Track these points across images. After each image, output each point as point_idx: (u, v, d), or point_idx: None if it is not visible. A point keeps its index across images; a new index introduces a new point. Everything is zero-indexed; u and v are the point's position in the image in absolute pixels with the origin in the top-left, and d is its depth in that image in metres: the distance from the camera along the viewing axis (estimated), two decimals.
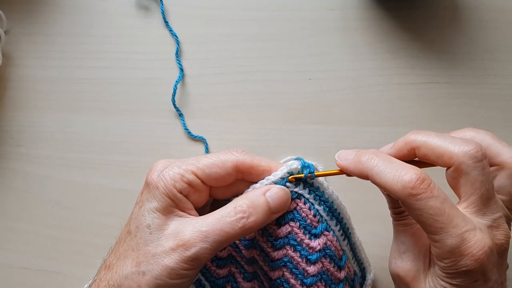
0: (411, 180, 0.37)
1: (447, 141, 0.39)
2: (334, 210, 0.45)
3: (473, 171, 0.38)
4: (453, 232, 0.36)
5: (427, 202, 0.36)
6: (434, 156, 0.40)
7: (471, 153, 0.38)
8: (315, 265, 0.43)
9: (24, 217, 0.57)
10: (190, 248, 0.38)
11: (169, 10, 0.62)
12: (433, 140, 0.40)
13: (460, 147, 0.39)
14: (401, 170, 0.38)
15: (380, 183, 0.39)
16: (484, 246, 0.36)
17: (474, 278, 0.37)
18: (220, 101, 0.60)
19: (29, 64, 0.61)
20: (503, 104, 0.58)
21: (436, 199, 0.37)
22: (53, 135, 0.59)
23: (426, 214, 0.36)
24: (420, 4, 0.61)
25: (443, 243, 0.36)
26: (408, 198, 0.37)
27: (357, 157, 0.41)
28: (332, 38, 0.60)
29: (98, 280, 0.41)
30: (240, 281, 0.46)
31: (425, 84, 0.59)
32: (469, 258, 0.36)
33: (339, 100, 0.59)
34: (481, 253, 0.36)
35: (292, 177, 0.43)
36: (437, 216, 0.36)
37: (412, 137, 0.42)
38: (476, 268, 0.36)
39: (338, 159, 0.43)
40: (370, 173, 0.39)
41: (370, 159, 0.40)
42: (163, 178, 0.41)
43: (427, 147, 0.40)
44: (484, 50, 0.60)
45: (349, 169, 0.41)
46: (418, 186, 0.37)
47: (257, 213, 0.40)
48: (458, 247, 0.36)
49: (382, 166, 0.39)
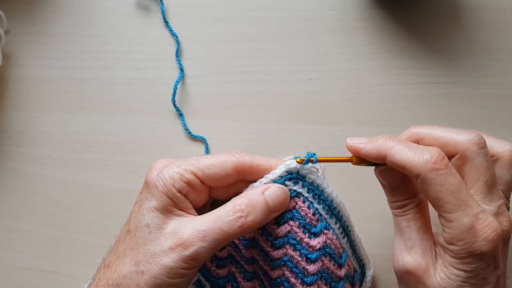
0: (433, 156, 0.38)
1: (450, 131, 0.42)
2: (333, 208, 0.45)
3: (477, 157, 0.40)
4: (469, 211, 0.37)
5: (447, 177, 0.37)
6: (439, 145, 0.41)
7: (475, 140, 0.40)
8: (315, 263, 0.43)
9: (24, 217, 0.57)
10: (189, 247, 0.38)
11: (169, 10, 0.62)
12: (436, 131, 0.42)
13: (464, 136, 0.41)
14: (421, 149, 0.39)
15: (400, 160, 0.39)
16: (496, 228, 0.37)
17: (487, 262, 0.37)
18: (220, 101, 0.60)
19: (29, 64, 0.61)
20: (503, 104, 0.58)
21: (455, 177, 0.38)
22: (53, 135, 0.59)
23: (446, 190, 0.37)
24: (420, 4, 0.61)
25: (459, 222, 0.37)
26: (430, 173, 0.37)
27: (372, 139, 0.42)
28: (332, 38, 0.60)
29: (97, 279, 0.41)
30: (240, 280, 0.46)
31: (425, 84, 0.59)
32: (484, 239, 0.37)
33: (339, 100, 0.59)
34: (495, 234, 0.37)
35: (299, 159, 0.43)
36: (456, 193, 0.37)
37: (415, 130, 0.44)
38: (490, 250, 0.37)
39: (351, 141, 0.43)
40: (390, 152, 0.40)
41: (387, 141, 0.41)
42: (162, 177, 0.41)
43: (432, 138, 0.42)
44: (484, 50, 0.60)
45: (365, 149, 0.41)
46: (439, 161, 0.38)
47: (255, 212, 0.40)
48: (474, 227, 0.37)
49: (401, 146, 0.40)
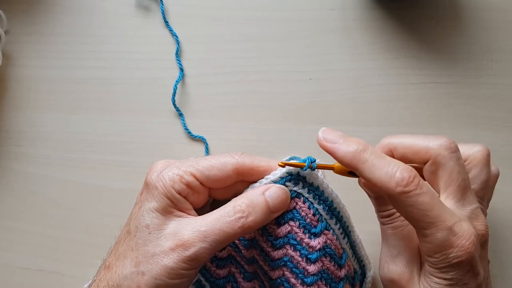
0: (403, 178, 0.37)
1: (420, 138, 0.42)
2: (333, 209, 0.45)
3: (449, 162, 0.40)
4: (443, 225, 0.37)
5: (418, 198, 0.37)
6: (411, 153, 0.42)
7: (446, 144, 0.41)
8: (315, 264, 0.43)
9: (24, 217, 0.57)
10: (189, 248, 0.38)
11: (169, 10, 0.62)
12: (408, 139, 0.43)
13: (435, 141, 0.41)
14: (392, 167, 0.38)
15: (370, 178, 0.39)
16: (471, 236, 0.37)
17: (465, 269, 0.37)
18: (220, 101, 0.60)
19: (29, 64, 0.61)
20: (503, 104, 0.58)
21: (426, 195, 0.37)
22: (53, 135, 0.59)
23: (417, 210, 0.37)
24: (420, 4, 0.61)
25: (434, 237, 0.37)
26: (400, 196, 0.37)
27: (346, 144, 0.40)
28: (332, 38, 0.60)
29: (97, 280, 0.41)
30: (240, 281, 0.46)
31: (425, 84, 0.59)
32: (459, 249, 0.37)
33: (339, 100, 0.59)
34: (469, 243, 0.37)
35: (283, 163, 0.42)
36: (428, 211, 0.37)
37: (388, 140, 0.44)
38: (467, 258, 0.37)
39: (324, 139, 0.41)
40: (361, 166, 0.39)
41: (361, 152, 0.39)
42: (162, 178, 0.41)
43: (404, 146, 0.42)
44: (484, 50, 0.60)
45: (337, 155, 0.40)
46: (410, 183, 0.37)
47: (256, 212, 0.40)
48: (448, 240, 0.37)
49: (374, 161, 0.39)
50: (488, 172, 0.46)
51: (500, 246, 0.55)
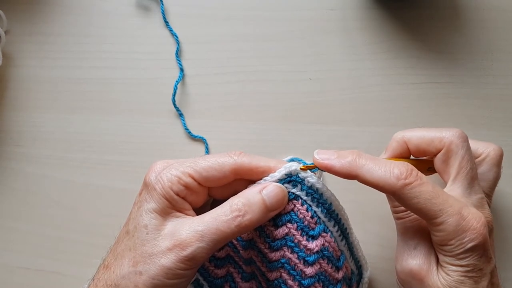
0: (402, 172, 0.40)
1: (432, 129, 0.45)
2: (332, 211, 0.45)
3: (461, 150, 0.43)
4: (451, 210, 0.39)
5: (421, 188, 0.39)
6: (426, 143, 0.45)
7: (458, 134, 0.44)
8: (312, 266, 0.43)
9: (24, 217, 0.58)
10: (186, 247, 0.38)
11: (169, 10, 0.62)
12: (420, 131, 0.46)
13: (448, 131, 0.44)
14: (389, 165, 0.40)
15: (372, 180, 0.40)
16: (480, 218, 0.39)
17: (479, 253, 0.39)
18: (220, 101, 0.60)
19: (29, 64, 0.61)
20: (503, 104, 0.58)
21: (428, 184, 0.39)
22: (53, 135, 0.59)
23: (423, 200, 0.39)
24: (420, 4, 0.61)
25: (446, 224, 0.39)
26: (403, 189, 0.39)
27: (341, 155, 0.42)
28: (332, 38, 0.60)
29: (96, 279, 0.41)
30: (238, 281, 0.46)
31: (425, 84, 0.59)
32: (472, 232, 0.38)
33: (339, 100, 0.59)
34: (481, 225, 0.39)
35: (304, 167, 0.44)
36: (434, 198, 0.39)
37: (400, 134, 0.47)
38: (480, 241, 0.38)
39: (320, 159, 0.43)
40: (360, 172, 0.41)
41: (356, 159, 0.41)
42: (160, 179, 0.41)
43: (418, 137, 0.46)
44: (484, 50, 0.59)
45: (334, 168, 0.42)
46: (409, 175, 0.39)
47: (252, 211, 0.40)
48: (460, 224, 0.38)
49: (370, 164, 0.41)
50: (498, 171, 0.48)
51: (500, 246, 0.54)
